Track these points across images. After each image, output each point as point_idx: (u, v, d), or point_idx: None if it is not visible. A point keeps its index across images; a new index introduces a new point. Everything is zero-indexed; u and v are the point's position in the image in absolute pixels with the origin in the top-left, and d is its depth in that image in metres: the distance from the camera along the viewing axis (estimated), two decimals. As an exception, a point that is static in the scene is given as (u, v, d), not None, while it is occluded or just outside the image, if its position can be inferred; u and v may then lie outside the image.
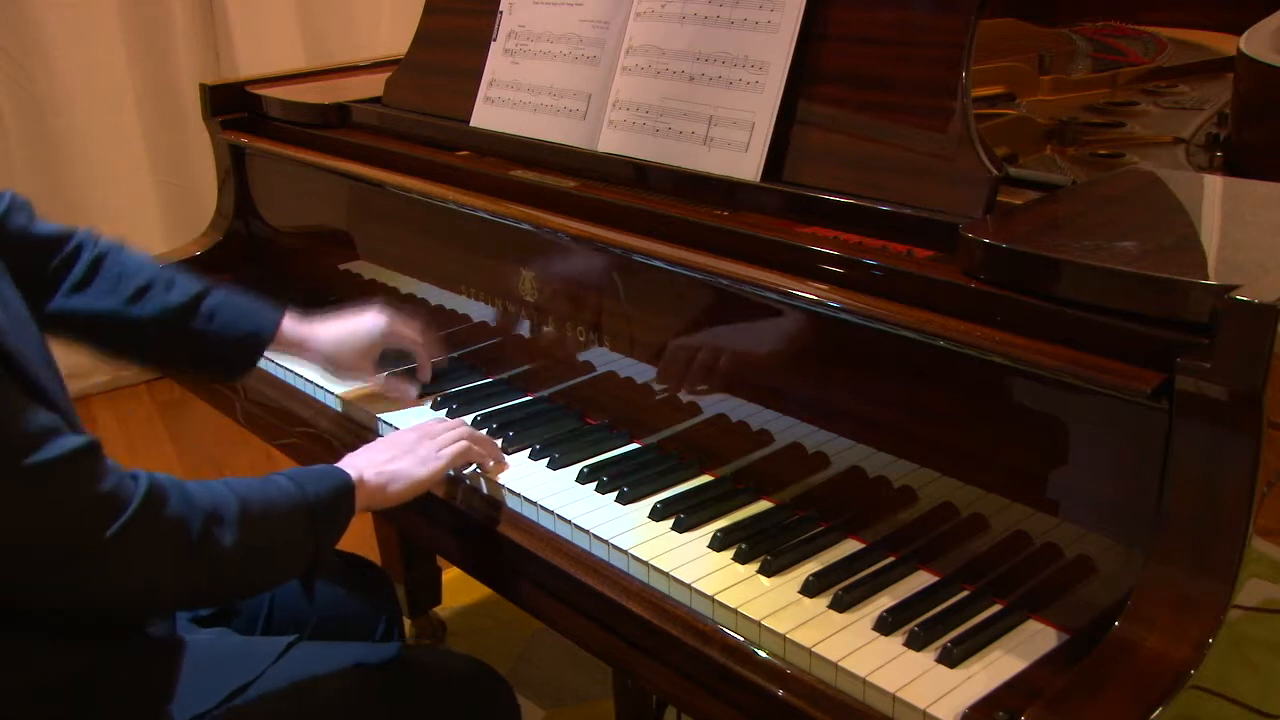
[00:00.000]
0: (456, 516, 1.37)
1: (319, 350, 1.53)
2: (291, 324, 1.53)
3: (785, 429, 1.25)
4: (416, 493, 1.30)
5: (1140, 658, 0.89)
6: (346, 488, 1.21)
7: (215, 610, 1.39)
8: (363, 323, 1.56)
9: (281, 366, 1.68)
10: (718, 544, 1.19)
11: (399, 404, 1.55)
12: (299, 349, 1.53)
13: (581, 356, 1.47)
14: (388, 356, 1.60)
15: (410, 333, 1.58)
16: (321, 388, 1.63)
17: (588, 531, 1.23)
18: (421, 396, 1.57)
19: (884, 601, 1.09)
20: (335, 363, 1.55)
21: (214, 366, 1.50)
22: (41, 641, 1.10)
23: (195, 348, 1.45)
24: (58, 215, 2.87)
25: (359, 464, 1.26)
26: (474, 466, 1.37)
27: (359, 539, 1.27)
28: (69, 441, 1.00)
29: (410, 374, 1.60)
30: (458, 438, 1.34)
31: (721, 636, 1.09)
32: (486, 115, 1.65)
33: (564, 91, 1.54)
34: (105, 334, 1.42)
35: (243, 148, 2.03)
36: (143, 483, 1.04)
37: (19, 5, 2.74)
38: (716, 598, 1.10)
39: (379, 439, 1.40)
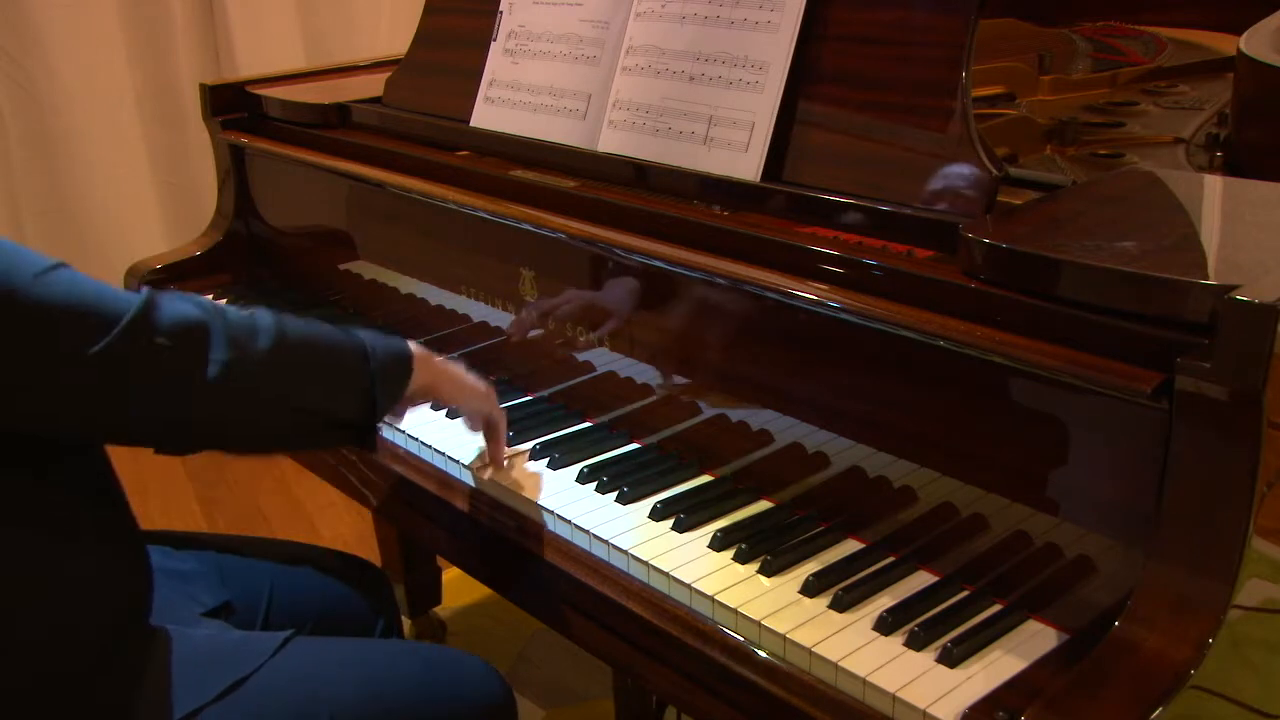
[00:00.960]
0: (456, 517, 1.37)
1: None
2: None
3: (785, 429, 1.25)
4: (466, 398, 1.34)
5: (1140, 658, 0.89)
6: (404, 351, 1.24)
7: (214, 606, 1.39)
8: None
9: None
10: (718, 544, 1.19)
11: None
12: None
13: (581, 356, 1.47)
14: None
15: None
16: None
17: (588, 531, 1.23)
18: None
19: (884, 601, 1.09)
20: None
21: None
22: (39, 638, 1.10)
23: None
24: (58, 215, 2.88)
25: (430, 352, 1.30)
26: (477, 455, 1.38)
27: (359, 539, 1.27)
28: (39, 259, 1.00)
29: None
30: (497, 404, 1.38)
31: (721, 636, 1.09)
32: (486, 115, 1.65)
33: (564, 91, 1.54)
34: None
35: (243, 148, 2.03)
36: (143, 293, 1.04)
37: (19, 5, 2.74)
38: (716, 598, 1.10)
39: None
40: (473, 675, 1.38)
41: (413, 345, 1.27)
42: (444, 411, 1.51)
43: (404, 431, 1.46)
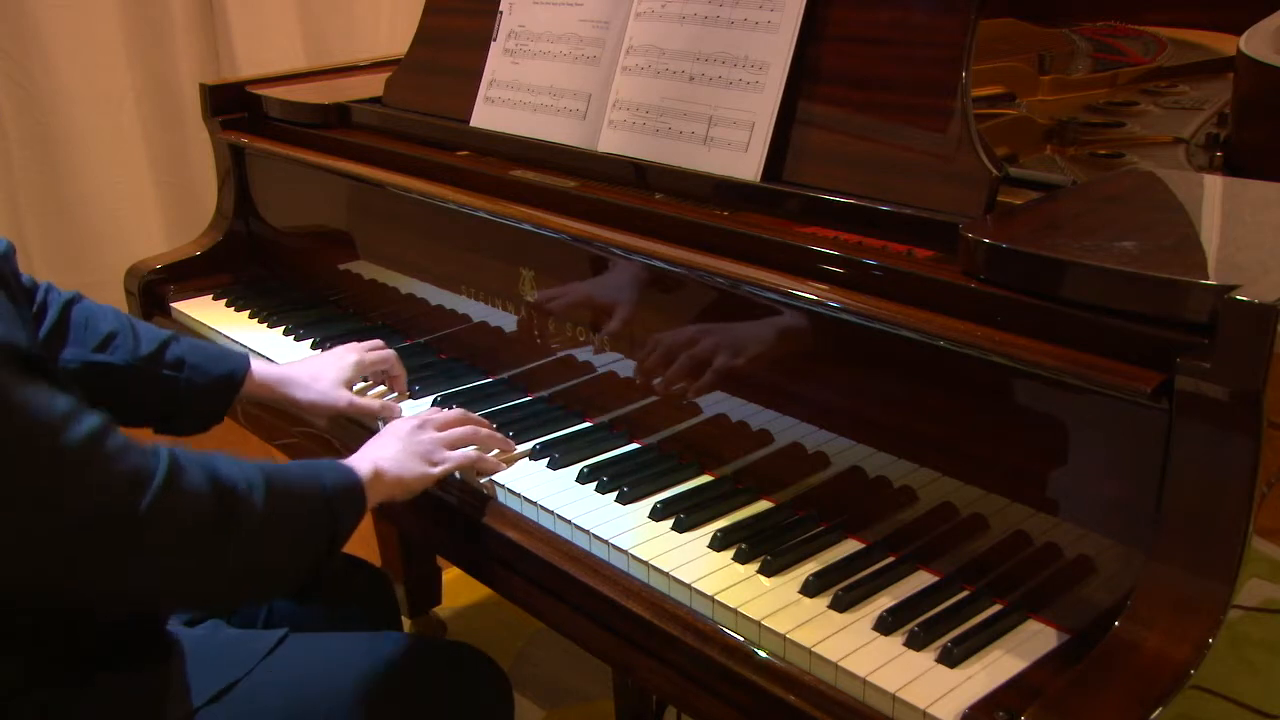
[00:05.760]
0: (456, 516, 1.37)
1: (292, 388, 1.52)
2: (262, 365, 1.53)
3: (785, 429, 1.25)
4: (424, 487, 1.32)
5: (1140, 658, 0.89)
6: (357, 483, 1.21)
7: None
8: (333, 358, 1.56)
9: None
10: (718, 544, 1.19)
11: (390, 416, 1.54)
12: (270, 390, 1.51)
13: (581, 356, 1.47)
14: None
15: (378, 356, 1.58)
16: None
17: (588, 531, 1.23)
18: (423, 396, 1.57)
19: (884, 601, 1.09)
20: (309, 397, 1.52)
21: (185, 413, 1.45)
22: (25, 644, 1.09)
23: (167, 394, 1.42)
24: (58, 215, 2.88)
25: (373, 457, 1.27)
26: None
27: (359, 539, 1.27)
28: (90, 419, 0.98)
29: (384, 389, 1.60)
30: (465, 437, 1.36)
31: (721, 636, 1.09)
32: (486, 115, 1.65)
33: (564, 91, 1.54)
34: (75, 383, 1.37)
35: (243, 148, 2.03)
36: (163, 456, 1.02)
37: (19, 5, 2.74)
38: (716, 598, 1.10)
39: (384, 431, 1.38)
40: (467, 664, 1.38)
41: (362, 469, 1.23)
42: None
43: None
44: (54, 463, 0.95)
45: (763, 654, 1.06)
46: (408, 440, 1.32)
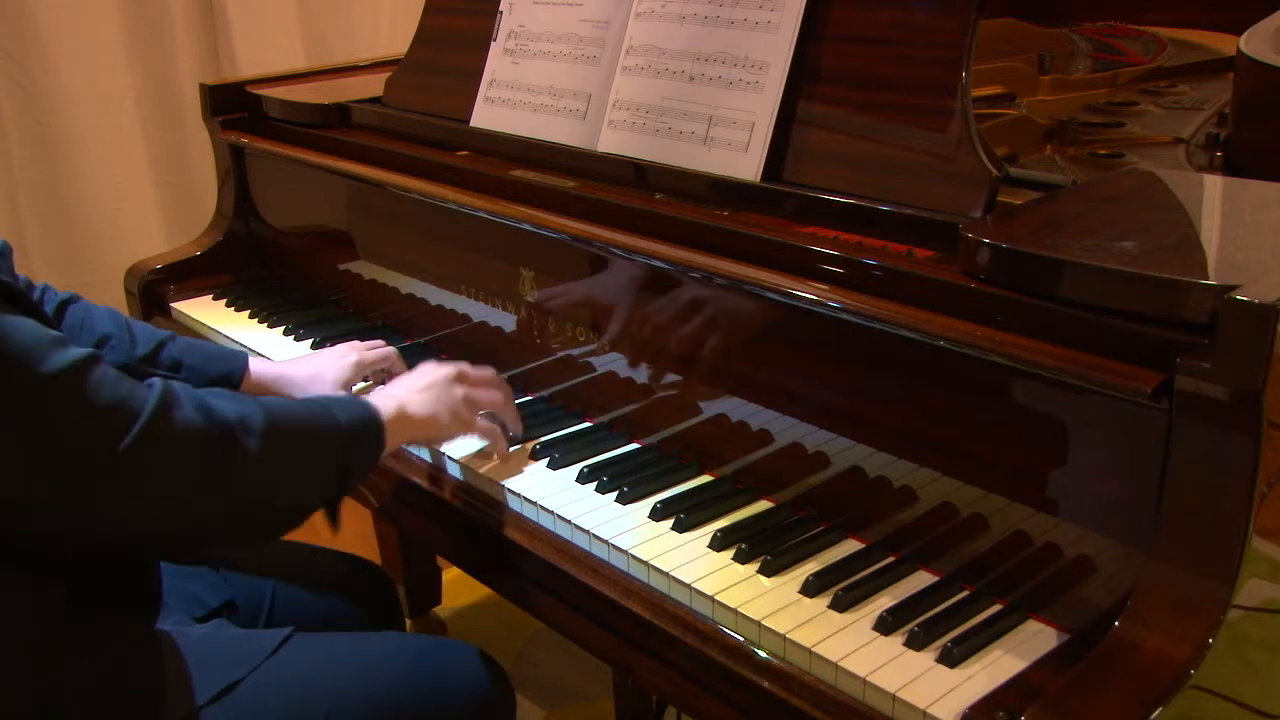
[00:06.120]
0: (456, 516, 1.37)
1: (289, 388, 1.51)
2: (260, 364, 1.52)
3: (785, 429, 1.25)
4: (449, 439, 1.36)
5: (1140, 658, 0.89)
6: (374, 420, 1.21)
7: (217, 605, 1.39)
8: (333, 357, 1.55)
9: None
10: (718, 544, 1.19)
11: None
12: (267, 391, 1.51)
13: (581, 357, 1.47)
14: None
15: (379, 354, 1.57)
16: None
17: (588, 531, 1.23)
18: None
19: (884, 601, 1.09)
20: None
21: None
22: (24, 640, 1.09)
23: None
24: (58, 215, 2.88)
25: (400, 396, 1.28)
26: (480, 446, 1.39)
27: (359, 539, 1.27)
28: (76, 350, 0.97)
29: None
30: (495, 402, 1.38)
31: (721, 636, 1.09)
32: (486, 115, 1.65)
33: (564, 91, 1.54)
34: None
35: (243, 148, 2.03)
36: (156, 388, 1.01)
37: (19, 5, 2.74)
38: (716, 598, 1.10)
39: (418, 371, 1.37)
40: (468, 664, 1.38)
41: (384, 407, 1.23)
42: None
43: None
44: (35, 388, 0.94)
45: (763, 654, 1.06)
46: (442, 389, 1.32)
